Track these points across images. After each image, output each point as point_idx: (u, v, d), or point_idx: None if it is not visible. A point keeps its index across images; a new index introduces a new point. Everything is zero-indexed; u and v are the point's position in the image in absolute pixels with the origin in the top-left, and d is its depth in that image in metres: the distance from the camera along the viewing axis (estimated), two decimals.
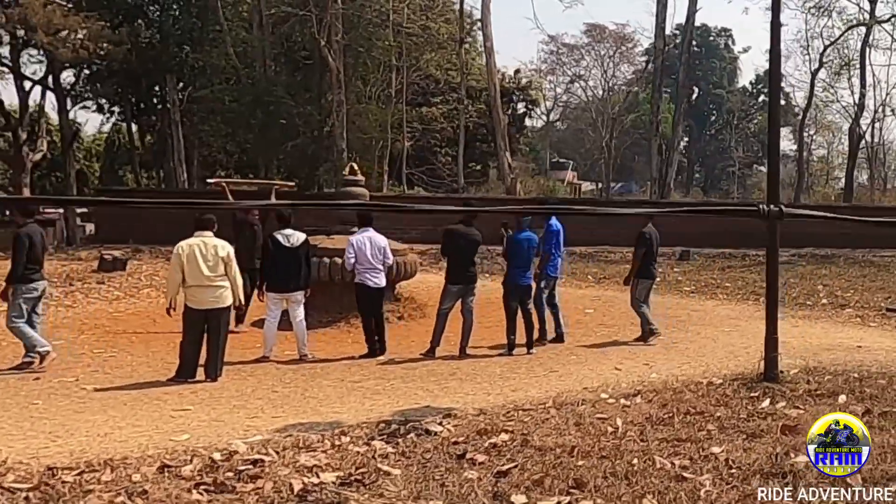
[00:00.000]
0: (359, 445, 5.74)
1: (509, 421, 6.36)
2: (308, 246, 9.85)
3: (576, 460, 5.16)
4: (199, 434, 6.32)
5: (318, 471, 5.09)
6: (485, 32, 33.02)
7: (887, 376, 7.67)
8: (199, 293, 8.52)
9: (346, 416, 6.87)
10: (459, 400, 7.43)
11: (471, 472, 4.99)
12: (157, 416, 7.04)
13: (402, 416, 6.64)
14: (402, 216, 25.02)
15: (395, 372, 9.03)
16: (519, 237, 9.84)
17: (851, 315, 12.43)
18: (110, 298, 15.49)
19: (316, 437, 5.98)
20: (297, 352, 9.80)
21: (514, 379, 8.46)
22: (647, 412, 6.44)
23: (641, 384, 7.62)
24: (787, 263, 22.64)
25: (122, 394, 8.00)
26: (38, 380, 8.69)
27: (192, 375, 8.52)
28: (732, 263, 21.22)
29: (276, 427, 6.50)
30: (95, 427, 6.68)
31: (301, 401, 7.65)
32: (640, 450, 5.40)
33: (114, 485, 4.89)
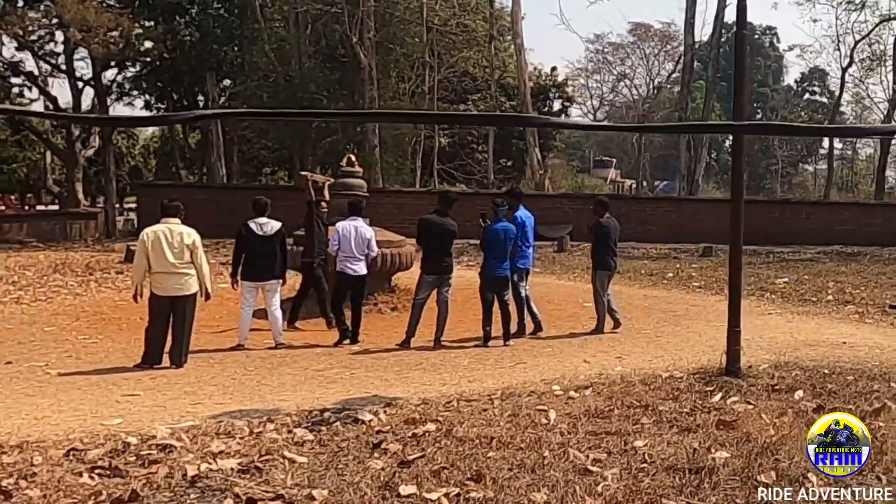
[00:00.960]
0: (280, 433, 5.57)
1: (446, 411, 6.13)
2: (283, 235, 9.67)
3: (488, 452, 4.94)
4: (134, 419, 6.19)
5: (222, 457, 4.94)
6: (514, 30, 32.73)
7: (857, 372, 7.31)
8: (163, 280, 8.41)
9: (290, 403, 6.68)
10: (413, 390, 7.20)
11: (376, 462, 4.80)
12: (103, 401, 6.92)
13: (341, 405, 6.45)
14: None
15: (363, 361, 8.82)
16: (495, 227, 9.54)
17: (851, 311, 11.92)
18: (121, 288, 15.48)
19: (242, 424, 5.82)
20: (273, 340, 9.66)
21: (479, 370, 8.20)
22: (589, 405, 6.17)
23: (599, 377, 7.32)
24: (809, 260, 22.09)
25: (81, 378, 7.91)
26: (9, 363, 8.68)
27: (157, 361, 8.41)
28: (753, 260, 20.60)
29: (213, 413, 6.34)
30: (37, 410, 6.59)
31: (254, 388, 7.49)
32: (561, 442, 5.16)
33: (11, 467, 4.78)
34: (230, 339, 10.03)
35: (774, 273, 17.53)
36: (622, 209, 28.25)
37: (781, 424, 5.47)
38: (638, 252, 23.58)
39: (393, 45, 34.76)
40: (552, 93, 49.37)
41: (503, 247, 9.51)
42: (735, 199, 7.52)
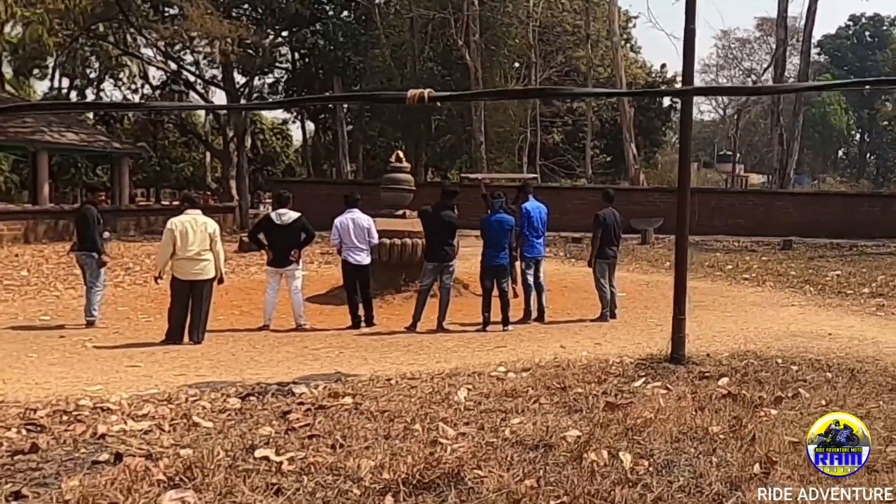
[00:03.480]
0: (214, 402, 5.91)
1: (377, 388, 6.32)
2: (301, 222, 10.04)
3: (368, 423, 5.13)
4: (116, 386, 6.69)
5: (140, 420, 5.32)
6: (611, 28, 32.36)
7: (809, 363, 7.02)
8: (185, 265, 8.98)
9: (260, 377, 7.04)
10: (378, 368, 7.43)
11: (265, 429, 5.07)
12: (105, 370, 7.52)
13: (296, 380, 6.74)
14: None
15: (359, 342, 9.14)
16: (490, 219, 9.64)
17: (877, 305, 11.30)
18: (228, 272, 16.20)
19: (192, 393, 6.20)
20: (293, 321, 10.10)
21: (457, 353, 8.36)
22: (509, 386, 6.24)
23: (550, 361, 7.32)
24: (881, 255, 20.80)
25: (106, 352, 8.57)
26: (62, 337, 9.47)
27: (180, 338, 9.00)
28: (828, 254, 19.64)
29: (185, 384, 6.77)
30: (45, 376, 7.23)
31: (244, 364, 7.92)
32: (444, 417, 5.29)
33: None
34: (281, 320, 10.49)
35: (837, 266, 16.68)
36: (712, 203, 27.65)
37: (667, 408, 5.41)
38: (718, 245, 22.90)
39: (496, 48, 34.97)
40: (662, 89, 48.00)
41: (499, 237, 9.60)
42: (682, 177, 7.29)
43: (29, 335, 9.55)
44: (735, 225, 26.48)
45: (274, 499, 3.83)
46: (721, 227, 26.14)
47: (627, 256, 19.32)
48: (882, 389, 5.95)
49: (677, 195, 7.24)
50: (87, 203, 10.66)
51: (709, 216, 26.70)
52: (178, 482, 4.00)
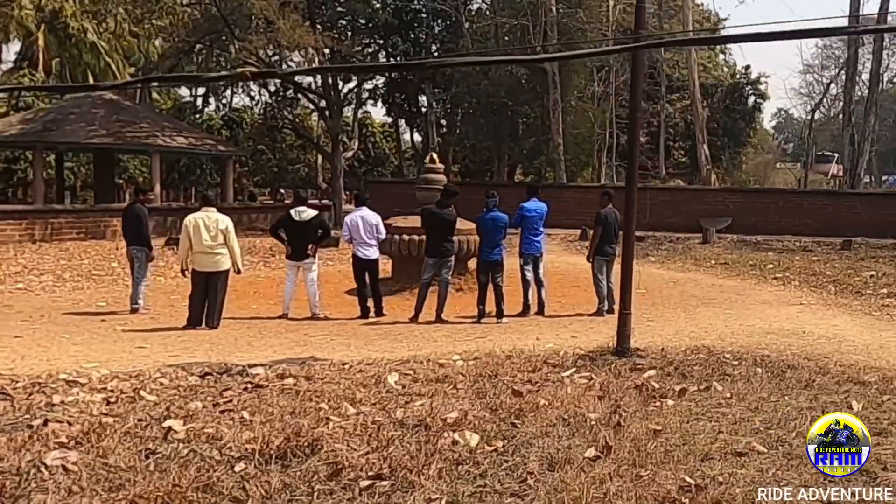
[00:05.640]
0: (176, 380, 6.31)
1: (327, 371, 6.59)
2: (318, 219, 10.45)
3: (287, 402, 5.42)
4: (112, 364, 7.19)
5: (97, 392, 5.79)
6: (684, 31, 31.65)
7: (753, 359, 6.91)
8: (201, 258, 9.53)
9: (241, 359, 7.39)
10: (352, 354, 7.68)
11: (195, 403, 5.44)
12: (114, 350, 8.09)
13: (271, 362, 7.04)
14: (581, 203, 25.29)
15: (357, 331, 9.46)
16: (484, 217, 9.81)
17: (883, 306, 10.83)
18: (273, 267, 16.85)
19: (162, 371, 6.62)
20: (309, 311, 10.52)
21: (436, 343, 8.55)
22: (446, 373, 6.43)
23: (504, 351, 7.41)
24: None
25: (130, 334, 9.18)
26: (103, 321, 10.18)
27: (198, 323, 9.56)
28: (884, 254, 18.56)
29: (174, 363, 7.19)
30: (60, 354, 7.83)
31: (238, 347, 8.36)
32: (358, 398, 5.54)
33: None
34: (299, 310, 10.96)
35: (878, 267, 15.89)
36: (780, 203, 26.74)
37: (565, 395, 5.51)
38: (778, 245, 22.08)
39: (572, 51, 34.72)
40: (746, 90, 46.69)
41: (492, 235, 9.76)
42: (630, 170, 7.28)
43: (76, 319, 10.30)
44: (802, 225, 25.48)
45: (143, 460, 4.17)
46: (788, 226, 25.23)
47: (677, 254, 19.01)
48: (798, 385, 5.85)
49: (625, 191, 7.25)
50: (136, 203, 11.36)
51: (776, 216, 25.93)
52: (72, 445, 4.40)
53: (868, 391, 5.58)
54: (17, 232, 19.99)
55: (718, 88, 45.71)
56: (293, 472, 3.96)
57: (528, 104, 36.05)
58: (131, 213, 11.23)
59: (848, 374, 6.18)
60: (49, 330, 9.39)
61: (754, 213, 26.06)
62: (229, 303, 11.94)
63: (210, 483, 3.76)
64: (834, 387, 5.72)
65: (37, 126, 25.15)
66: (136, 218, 11.00)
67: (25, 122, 25.85)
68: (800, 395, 5.50)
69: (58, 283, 13.75)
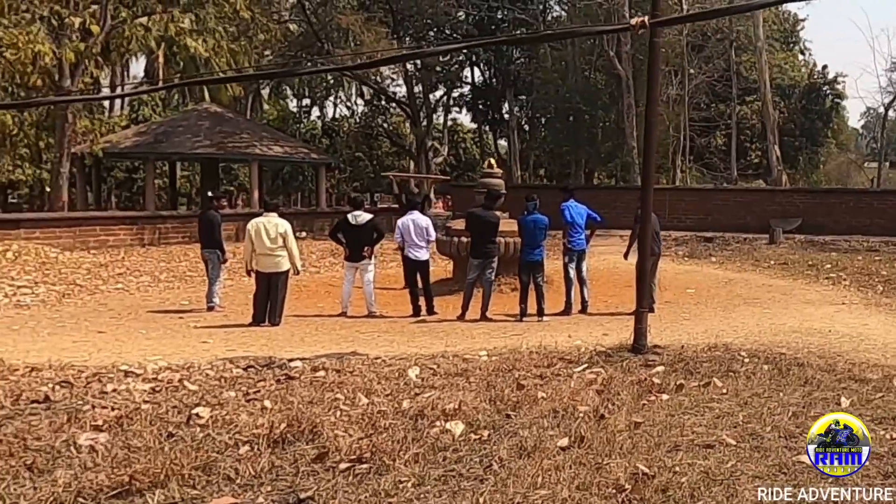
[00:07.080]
0: (223, 371, 6.74)
1: (360, 365, 6.88)
2: (373, 223, 10.81)
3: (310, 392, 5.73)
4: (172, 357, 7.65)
5: (149, 382, 6.26)
6: (755, 33, 30.89)
7: (765, 357, 6.83)
8: (262, 260, 10.04)
9: (288, 353, 7.78)
10: (394, 350, 7.93)
11: (229, 393, 5.84)
12: (180, 345, 8.60)
13: (315, 356, 7.39)
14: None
15: (405, 329, 9.75)
16: (526, 220, 9.95)
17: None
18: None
19: (211, 364, 7.04)
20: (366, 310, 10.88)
21: (475, 339, 8.74)
22: (467, 367, 6.61)
23: (528, 347, 7.53)
24: None
25: (199, 331, 9.71)
26: (181, 318, 10.80)
27: (262, 320, 10.06)
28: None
29: (225, 357, 7.63)
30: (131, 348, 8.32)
31: (293, 343, 8.75)
32: (374, 389, 5.81)
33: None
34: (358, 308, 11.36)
35: None
36: (851, 203, 25.76)
37: (566, 389, 5.64)
38: (845, 245, 21.29)
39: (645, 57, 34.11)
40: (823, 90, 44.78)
41: (533, 236, 9.90)
42: (645, 170, 7.28)
43: (157, 316, 10.97)
44: (874, 225, 24.46)
45: (164, 441, 4.56)
46: (859, 226, 24.28)
47: (740, 255, 18.57)
48: (797, 382, 5.80)
49: (641, 191, 7.28)
50: (210, 209, 11.97)
51: (846, 216, 25.02)
52: (105, 428, 4.83)
53: (864, 388, 5.49)
54: (129, 236, 21.01)
55: (795, 89, 44.07)
56: (283, 454, 4.26)
57: (604, 109, 36.11)
58: (205, 219, 11.83)
59: (853, 372, 6.07)
60: (130, 326, 10.05)
61: (824, 213, 25.31)
62: (298, 301, 12.54)
63: (208, 463, 4.10)
64: (832, 384, 5.65)
65: (149, 138, 26.58)
66: (208, 223, 11.60)
67: (139, 134, 27.39)
68: (794, 392, 5.47)
69: (152, 284, 14.51)
